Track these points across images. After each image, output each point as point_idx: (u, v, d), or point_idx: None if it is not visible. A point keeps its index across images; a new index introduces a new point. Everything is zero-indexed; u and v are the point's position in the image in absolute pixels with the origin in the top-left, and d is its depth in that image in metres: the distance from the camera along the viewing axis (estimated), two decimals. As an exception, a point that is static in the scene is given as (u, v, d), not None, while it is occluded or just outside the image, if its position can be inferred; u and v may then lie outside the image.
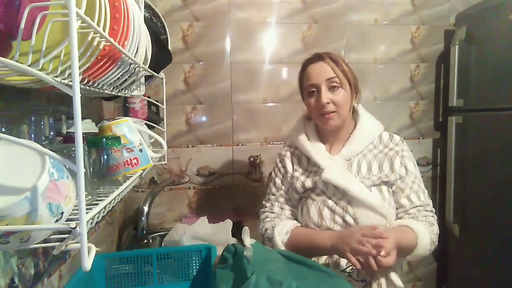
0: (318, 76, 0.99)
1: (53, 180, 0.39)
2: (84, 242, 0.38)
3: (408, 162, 1.01)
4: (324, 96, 0.97)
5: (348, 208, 0.95)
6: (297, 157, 1.10)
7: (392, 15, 1.80)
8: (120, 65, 0.61)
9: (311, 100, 1.01)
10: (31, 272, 0.69)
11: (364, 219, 0.93)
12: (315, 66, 1.01)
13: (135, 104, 1.32)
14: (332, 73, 0.98)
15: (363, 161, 1.02)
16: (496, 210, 1.47)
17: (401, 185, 1.00)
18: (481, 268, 1.56)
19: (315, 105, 1.00)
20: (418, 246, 0.92)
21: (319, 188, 1.00)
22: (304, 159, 1.08)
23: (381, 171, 0.99)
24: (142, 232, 1.35)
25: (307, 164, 1.07)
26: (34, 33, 0.38)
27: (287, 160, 1.11)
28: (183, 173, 1.72)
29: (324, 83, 0.98)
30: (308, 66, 1.03)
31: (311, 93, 1.01)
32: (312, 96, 1.01)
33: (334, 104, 0.98)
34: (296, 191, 1.04)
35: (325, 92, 0.98)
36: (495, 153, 1.49)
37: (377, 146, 1.05)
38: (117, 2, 0.53)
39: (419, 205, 0.99)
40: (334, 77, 0.98)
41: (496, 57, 1.48)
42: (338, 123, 1.01)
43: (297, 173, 1.06)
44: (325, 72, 0.99)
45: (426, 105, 1.88)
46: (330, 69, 0.99)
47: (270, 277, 0.66)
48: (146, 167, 0.78)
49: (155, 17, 1.09)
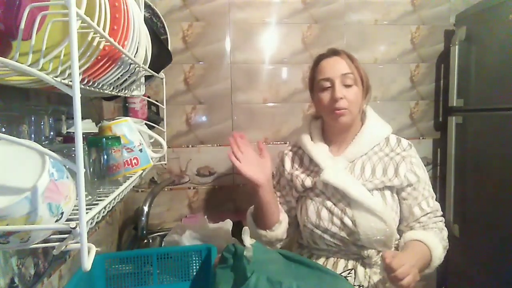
0: (333, 71, 0.96)
1: (53, 180, 0.39)
2: (84, 242, 0.38)
3: (418, 169, 0.98)
4: (338, 90, 0.94)
5: (347, 210, 0.94)
6: (299, 156, 1.10)
7: (392, 15, 1.80)
8: (120, 65, 0.60)
9: (323, 95, 0.98)
10: (31, 272, 0.69)
11: (363, 222, 0.92)
12: (330, 61, 0.99)
13: (135, 104, 1.32)
14: (347, 68, 0.96)
15: (368, 163, 0.99)
16: (496, 210, 1.47)
17: (413, 193, 0.98)
18: (481, 268, 1.56)
19: (328, 100, 0.97)
20: (433, 259, 0.92)
21: (318, 189, 0.99)
22: (306, 158, 1.08)
23: (385, 175, 0.97)
24: (142, 232, 1.35)
25: (309, 163, 1.06)
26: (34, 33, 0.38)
27: (287, 158, 1.11)
28: (183, 173, 1.72)
29: (338, 77, 0.95)
30: (322, 60, 1.00)
31: (324, 88, 0.98)
32: (324, 91, 0.98)
33: (347, 101, 0.95)
34: (296, 189, 1.04)
35: (339, 86, 0.95)
36: (495, 153, 1.49)
37: (383, 149, 1.03)
38: (117, 2, 0.53)
39: (429, 212, 0.98)
40: (350, 73, 0.96)
41: (496, 57, 1.48)
42: (348, 120, 0.98)
43: (297, 172, 1.05)
44: (341, 67, 0.97)
45: (426, 105, 1.88)
46: (346, 65, 0.97)
47: (270, 277, 0.66)
48: (146, 167, 0.78)
49: (155, 17, 1.09)
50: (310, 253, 1.04)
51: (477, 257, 1.59)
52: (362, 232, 0.91)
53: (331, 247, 0.97)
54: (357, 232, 0.92)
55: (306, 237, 1.02)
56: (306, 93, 1.79)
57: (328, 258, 0.99)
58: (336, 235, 0.95)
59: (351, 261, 0.97)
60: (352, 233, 0.93)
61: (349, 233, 0.93)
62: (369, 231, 0.91)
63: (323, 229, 0.96)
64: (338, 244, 0.96)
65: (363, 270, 0.95)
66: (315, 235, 0.98)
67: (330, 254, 0.99)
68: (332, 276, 0.75)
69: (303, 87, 1.77)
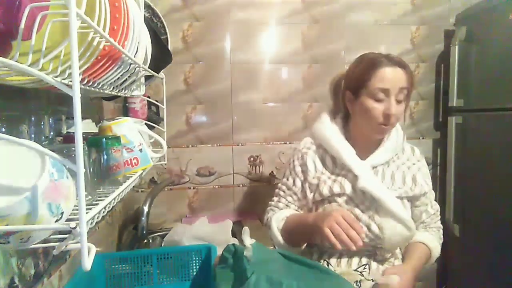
0: (394, 83, 0.90)
1: (53, 180, 0.39)
2: (84, 242, 0.38)
3: (428, 179, 1.03)
4: (393, 106, 0.90)
5: (375, 217, 0.93)
6: (320, 157, 1.03)
7: (392, 15, 1.80)
8: (120, 65, 0.60)
9: (376, 105, 0.92)
10: (31, 272, 0.69)
11: (390, 229, 0.92)
12: (393, 70, 0.91)
13: (135, 104, 1.32)
14: (406, 83, 0.92)
15: (387, 171, 0.99)
16: (496, 210, 1.47)
17: (425, 200, 1.02)
18: (481, 268, 1.56)
19: (379, 113, 0.91)
20: (431, 258, 1.02)
21: (347, 194, 0.96)
22: (328, 160, 1.02)
23: (404, 184, 0.97)
24: (142, 232, 1.35)
25: (332, 166, 1.01)
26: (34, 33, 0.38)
27: (309, 160, 1.02)
28: (183, 173, 1.72)
29: (396, 91, 0.90)
30: (385, 67, 0.91)
31: (378, 98, 0.91)
32: (377, 102, 0.92)
33: (396, 117, 0.92)
34: (321, 194, 0.98)
35: (394, 101, 0.91)
36: (495, 153, 1.49)
37: (400, 157, 1.03)
38: (117, 2, 0.53)
39: (433, 213, 1.04)
40: (406, 88, 0.92)
41: (496, 57, 1.48)
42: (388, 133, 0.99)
43: (324, 176, 0.99)
44: (401, 81, 0.91)
45: (426, 105, 1.88)
46: (406, 79, 0.92)
47: (270, 277, 0.66)
48: (146, 167, 0.78)
49: (155, 17, 1.09)
50: (320, 252, 1.01)
51: (477, 257, 1.59)
52: (387, 238, 0.92)
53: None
54: (383, 239, 0.92)
55: (322, 239, 0.97)
56: (306, 93, 1.81)
57: (342, 257, 0.98)
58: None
59: (364, 258, 0.97)
60: (376, 239, 0.93)
61: (373, 239, 0.93)
62: (394, 238, 0.92)
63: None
64: None
65: (376, 265, 0.95)
66: None
67: (344, 252, 0.97)
68: (332, 276, 0.76)
69: (303, 87, 1.77)
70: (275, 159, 1.77)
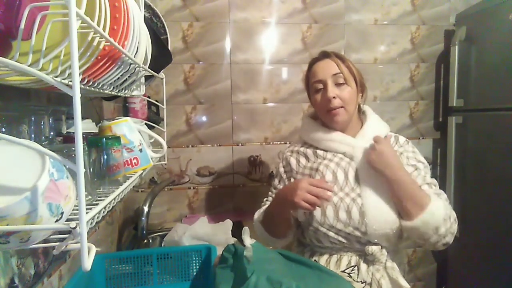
0: (324, 72, 1.01)
1: (53, 180, 0.39)
2: (84, 242, 0.38)
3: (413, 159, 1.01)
4: (330, 90, 0.99)
5: (357, 200, 0.94)
6: (303, 154, 1.10)
7: (392, 15, 1.80)
8: (120, 65, 0.60)
9: (318, 96, 1.03)
10: (31, 272, 0.69)
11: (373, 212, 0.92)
12: (321, 63, 1.04)
13: (135, 104, 1.32)
14: (337, 68, 1.00)
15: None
16: (496, 210, 1.47)
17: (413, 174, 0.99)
18: (481, 268, 1.56)
19: (322, 101, 1.02)
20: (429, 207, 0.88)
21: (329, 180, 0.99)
22: (310, 153, 1.08)
23: None
24: (142, 232, 1.35)
25: (314, 158, 1.06)
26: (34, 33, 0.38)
27: (292, 159, 1.10)
28: (183, 173, 1.72)
29: (330, 78, 1.00)
30: (314, 64, 1.06)
31: (318, 89, 1.03)
32: (318, 93, 1.03)
33: (341, 99, 0.99)
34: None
35: (331, 87, 0.99)
36: (495, 153, 1.49)
37: None
38: (117, 2, 0.53)
39: (430, 182, 0.98)
40: (340, 73, 1.00)
41: (496, 57, 1.48)
42: (344, 119, 1.01)
43: (306, 170, 1.05)
44: (331, 68, 1.01)
45: (426, 105, 1.88)
46: (335, 65, 1.01)
47: (270, 277, 0.66)
48: (146, 167, 0.78)
49: (155, 17, 1.09)
50: (312, 251, 1.04)
51: (477, 257, 1.59)
52: (370, 223, 0.91)
53: (335, 244, 0.97)
54: (364, 224, 0.92)
55: (309, 236, 1.01)
56: (306, 93, 1.80)
57: (331, 256, 0.98)
58: (341, 232, 0.94)
59: (354, 258, 0.97)
60: (359, 227, 0.93)
61: (355, 227, 0.93)
62: (378, 223, 0.91)
63: (328, 226, 0.95)
64: (342, 241, 0.96)
65: (365, 266, 0.95)
66: (319, 233, 0.97)
67: (333, 252, 0.99)
68: (332, 276, 0.76)
69: (303, 87, 1.77)
70: (275, 159, 1.77)
